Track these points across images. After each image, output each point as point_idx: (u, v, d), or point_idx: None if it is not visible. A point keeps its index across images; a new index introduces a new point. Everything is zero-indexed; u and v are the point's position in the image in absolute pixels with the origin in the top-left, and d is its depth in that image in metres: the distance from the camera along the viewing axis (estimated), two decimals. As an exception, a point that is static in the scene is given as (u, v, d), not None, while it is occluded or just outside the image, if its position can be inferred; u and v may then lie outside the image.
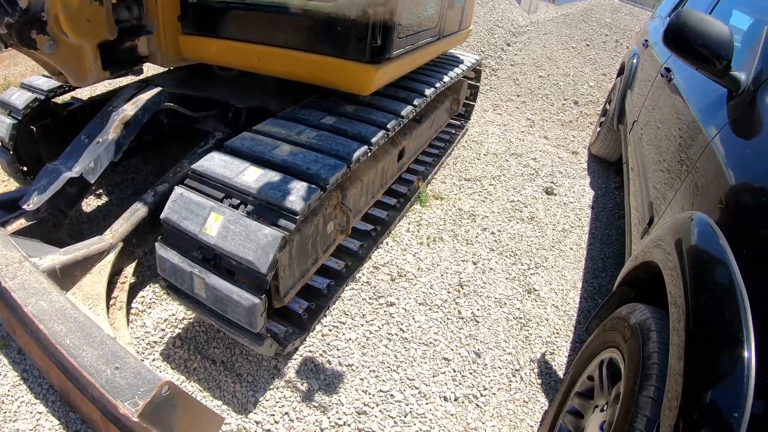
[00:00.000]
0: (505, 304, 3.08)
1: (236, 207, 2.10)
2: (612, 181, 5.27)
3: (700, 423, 1.14)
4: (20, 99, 3.39)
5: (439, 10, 3.56)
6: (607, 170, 5.55)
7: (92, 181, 2.84)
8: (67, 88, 3.51)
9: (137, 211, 2.70)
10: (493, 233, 3.81)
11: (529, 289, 3.27)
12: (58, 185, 2.74)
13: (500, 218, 4.06)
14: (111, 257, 2.53)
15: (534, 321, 3.01)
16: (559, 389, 2.31)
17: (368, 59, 2.67)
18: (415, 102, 3.27)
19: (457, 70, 4.42)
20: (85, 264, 2.44)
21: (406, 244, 3.43)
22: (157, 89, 3.15)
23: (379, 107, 3.08)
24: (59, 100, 3.59)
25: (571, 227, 4.19)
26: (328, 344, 2.56)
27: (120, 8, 2.78)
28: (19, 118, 3.32)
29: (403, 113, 3.05)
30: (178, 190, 2.23)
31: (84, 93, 3.67)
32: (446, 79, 4.01)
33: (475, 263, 3.39)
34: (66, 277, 2.35)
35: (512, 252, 3.63)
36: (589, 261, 3.78)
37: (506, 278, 3.33)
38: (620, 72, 5.70)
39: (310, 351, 2.51)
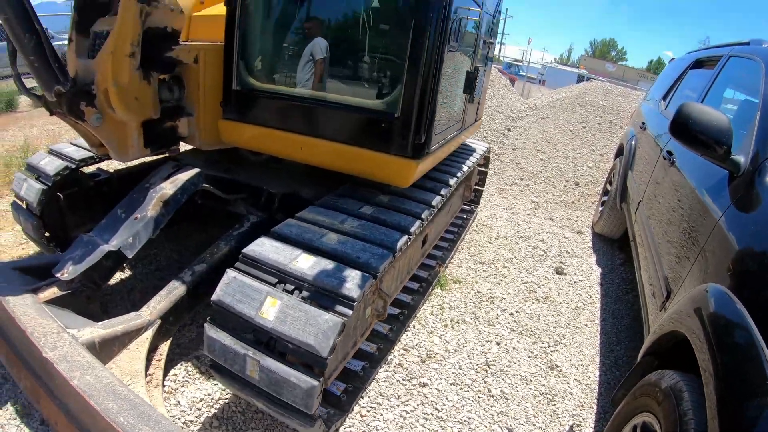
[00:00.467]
0: (531, 381, 3.20)
1: (291, 292, 2.21)
2: (617, 258, 5.49)
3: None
4: (51, 165, 3.47)
5: (463, 105, 3.87)
6: (611, 247, 5.77)
7: (130, 257, 2.88)
8: (97, 159, 3.61)
9: (175, 289, 2.78)
10: (512, 314, 3.96)
11: (552, 365, 3.39)
12: (96, 257, 2.78)
13: (517, 299, 4.22)
14: (149, 334, 2.57)
15: (559, 396, 3.11)
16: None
17: (410, 155, 2.88)
18: (442, 192, 3.50)
19: (473, 159, 4.72)
20: (123, 339, 2.48)
21: (432, 327, 3.57)
22: (195, 170, 3.27)
23: (410, 197, 3.29)
24: (85, 170, 3.67)
25: (584, 305, 4.35)
26: (368, 425, 2.65)
27: (162, 88, 2.95)
28: (49, 184, 3.38)
29: (433, 203, 3.27)
30: (231, 273, 2.32)
31: (109, 165, 3.90)
32: (465, 168, 4.29)
33: (498, 343, 3.52)
34: (103, 351, 2.36)
35: (532, 331, 3.77)
36: (603, 336, 3.92)
37: (529, 356, 3.45)
38: (618, 153, 6.03)
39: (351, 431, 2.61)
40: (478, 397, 2.97)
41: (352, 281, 2.22)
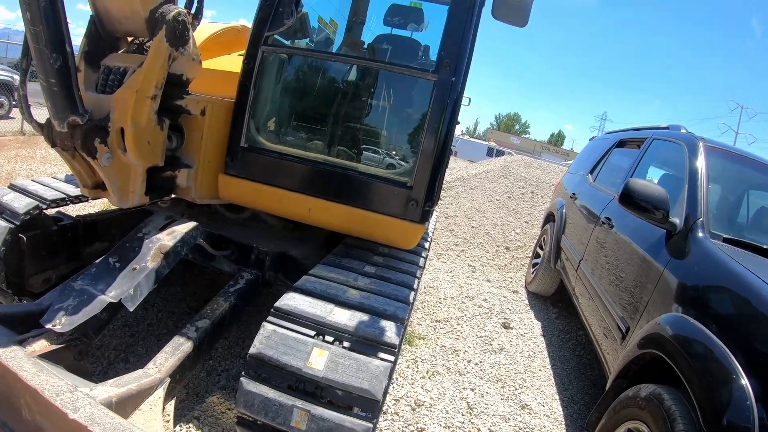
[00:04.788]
0: (509, 419, 3.60)
1: (332, 343, 2.34)
2: (551, 312, 6.16)
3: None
4: (19, 203, 3.23)
5: None
6: (545, 304, 6.46)
7: (132, 309, 2.67)
8: (68, 202, 3.44)
9: (181, 345, 2.64)
10: (477, 364, 4.38)
11: (522, 405, 3.83)
12: (95, 309, 2.55)
13: (477, 351, 4.66)
14: (161, 393, 2.38)
15: (536, 429, 3.54)
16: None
17: (419, 220, 3.09)
18: (423, 254, 3.84)
19: (432, 224, 5.21)
20: (137, 399, 2.27)
21: (412, 379, 3.92)
22: (193, 223, 3.15)
23: (398, 257, 3.49)
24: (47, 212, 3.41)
25: (534, 353, 4.87)
26: (383, 467, 2.95)
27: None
28: (17, 223, 3.13)
29: (420, 263, 3.57)
30: (269, 326, 2.35)
31: (69, 210, 3.69)
32: (430, 232, 4.75)
33: (473, 389, 3.92)
34: (119, 412, 2.08)
35: (497, 378, 4.21)
36: (556, 377, 4.48)
37: (501, 398, 3.87)
38: (548, 220, 6.77)
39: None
40: (471, 436, 3.35)
41: (390, 330, 2.42)
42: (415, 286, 3.10)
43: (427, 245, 4.22)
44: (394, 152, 3.43)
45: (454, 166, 13.68)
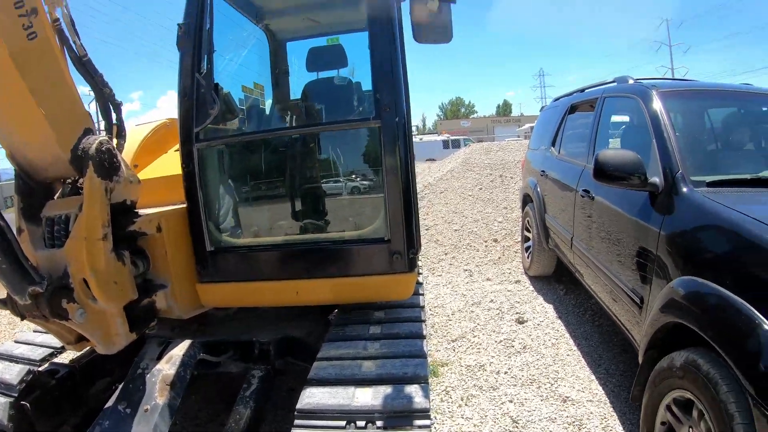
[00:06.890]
0: (556, 418, 3.54)
1: (365, 427, 2.26)
2: (559, 291, 6.17)
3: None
4: (10, 373, 3.13)
5: None
6: (549, 284, 6.45)
7: None
8: (57, 353, 3.35)
9: None
10: (506, 372, 4.31)
11: (563, 398, 3.77)
12: None
13: (502, 358, 4.59)
14: None
15: (584, 418, 3.49)
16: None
17: (408, 269, 3.01)
18: (420, 291, 3.79)
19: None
20: None
21: (450, 412, 3.82)
22: (188, 342, 3.11)
23: (399, 306, 3.43)
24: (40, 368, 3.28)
25: (557, 339, 4.83)
26: None
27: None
28: (15, 395, 3.02)
29: (420, 303, 3.52)
30: None
31: (62, 357, 3.56)
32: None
33: (511, 401, 3.84)
34: None
35: (530, 379, 4.14)
36: (586, 357, 4.45)
37: (541, 400, 3.80)
38: (525, 201, 6.74)
39: None
40: (525, 451, 3.26)
41: (417, 394, 2.37)
42: (424, 332, 3.04)
43: (421, 279, 4.14)
44: (362, 209, 3.36)
45: (418, 172, 13.69)
